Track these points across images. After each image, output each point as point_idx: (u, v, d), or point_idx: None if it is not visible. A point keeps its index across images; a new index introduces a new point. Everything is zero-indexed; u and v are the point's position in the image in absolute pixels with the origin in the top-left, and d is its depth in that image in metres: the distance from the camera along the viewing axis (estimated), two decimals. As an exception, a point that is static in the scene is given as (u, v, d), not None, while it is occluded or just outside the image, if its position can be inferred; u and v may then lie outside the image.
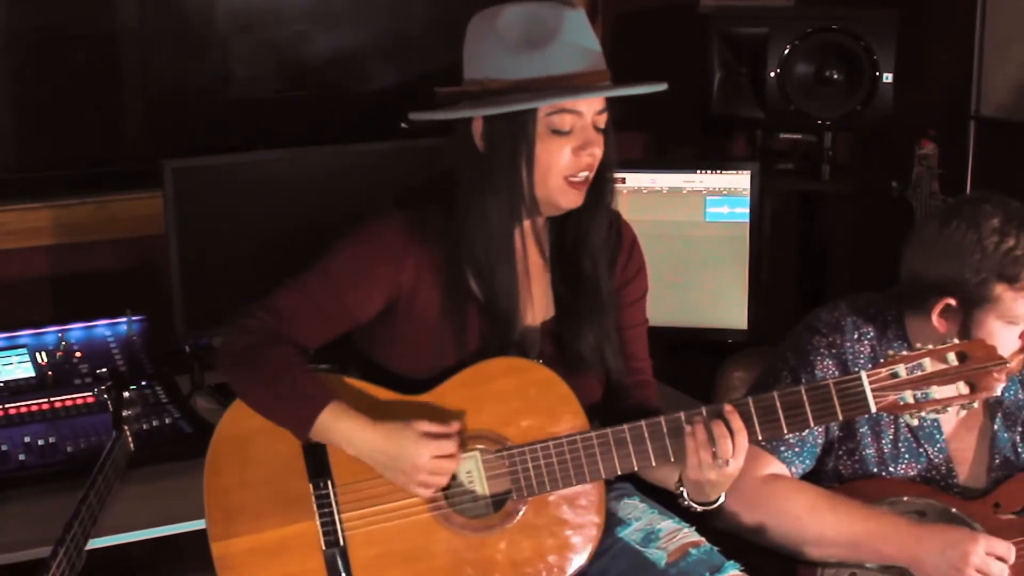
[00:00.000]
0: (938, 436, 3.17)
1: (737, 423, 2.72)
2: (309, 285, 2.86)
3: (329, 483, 2.81)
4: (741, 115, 4.48)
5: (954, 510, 3.09)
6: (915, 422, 2.77)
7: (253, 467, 2.83)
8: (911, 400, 2.72)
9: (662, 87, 2.89)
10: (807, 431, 3.08)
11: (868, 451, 3.16)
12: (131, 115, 4.38)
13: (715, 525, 3.10)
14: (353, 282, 2.86)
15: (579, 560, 2.85)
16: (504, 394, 2.84)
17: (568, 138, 2.80)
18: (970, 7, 4.67)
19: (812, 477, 3.14)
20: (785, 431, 2.77)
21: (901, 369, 2.72)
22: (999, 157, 4.66)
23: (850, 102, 4.33)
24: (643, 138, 4.94)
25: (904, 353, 2.74)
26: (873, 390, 2.73)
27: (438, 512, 2.82)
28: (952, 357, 2.72)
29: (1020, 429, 3.23)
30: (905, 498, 3.10)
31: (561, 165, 2.80)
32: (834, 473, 3.17)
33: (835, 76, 4.34)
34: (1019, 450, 3.22)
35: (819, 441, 3.15)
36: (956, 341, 2.75)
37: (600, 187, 2.90)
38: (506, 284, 2.87)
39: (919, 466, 3.17)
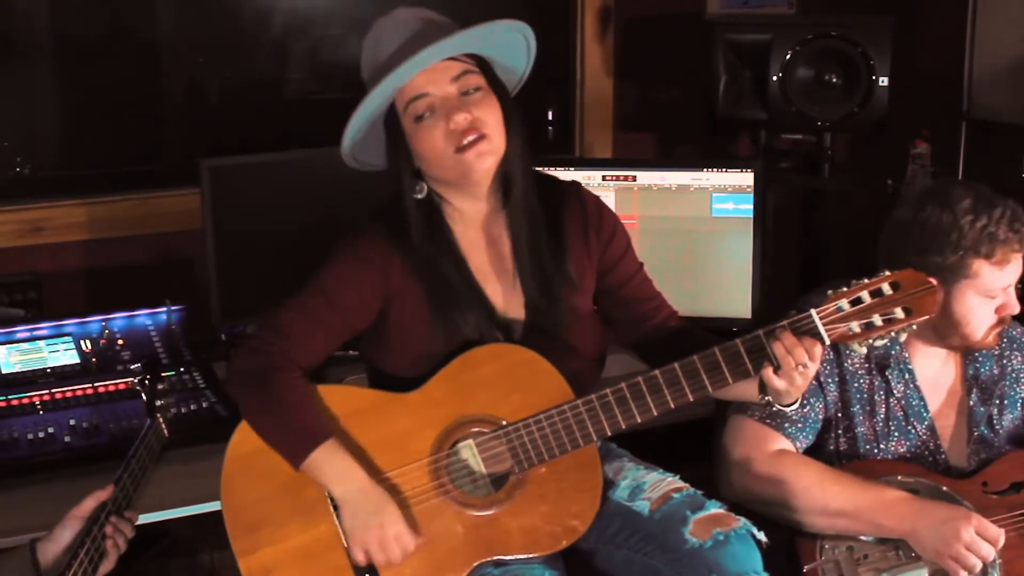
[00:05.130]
0: (925, 414, 3.21)
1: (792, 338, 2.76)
2: (307, 302, 2.87)
3: None
4: (745, 117, 4.46)
5: (945, 488, 3.10)
6: (863, 350, 2.78)
7: (267, 481, 2.82)
8: (858, 330, 2.75)
9: (493, 25, 2.86)
10: (807, 408, 3.11)
11: (860, 429, 3.19)
12: (170, 116, 4.38)
13: (724, 494, 3.12)
14: (346, 293, 2.87)
15: (586, 519, 2.85)
16: (491, 378, 2.84)
17: (434, 118, 2.80)
18: (961, 14, 4.66)
19: (814, 456, 3.14)
20: (752, 373, 2.78)
21: (844, 303, 2.75)
22: (989, 156, 4.65)
23: (848, 104, 4.31)
24: (653, 138, 4.94)
25: (844, 289, 2.76)
26: (824, 324, 2.75)
27: (447, 495, 2.82)
28: (886, 287, 2.75)
29: (996, 403, 3.26)
30: (899, 477, 3.10)
31: (441, 144, 2.80)
32: (834, 453, 3.19)
33: (834, 80, 4.33)
34: (994, 422, 3.25)
35: (819, 417, 3.18)
36: (887, 272, 2.77)
37: (509, 141, 2.88)
38: (456, 277, 2.89)
39: (908, 443, 3.20)
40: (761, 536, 2.80)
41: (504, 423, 2.82)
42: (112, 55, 4.22)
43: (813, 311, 2.75)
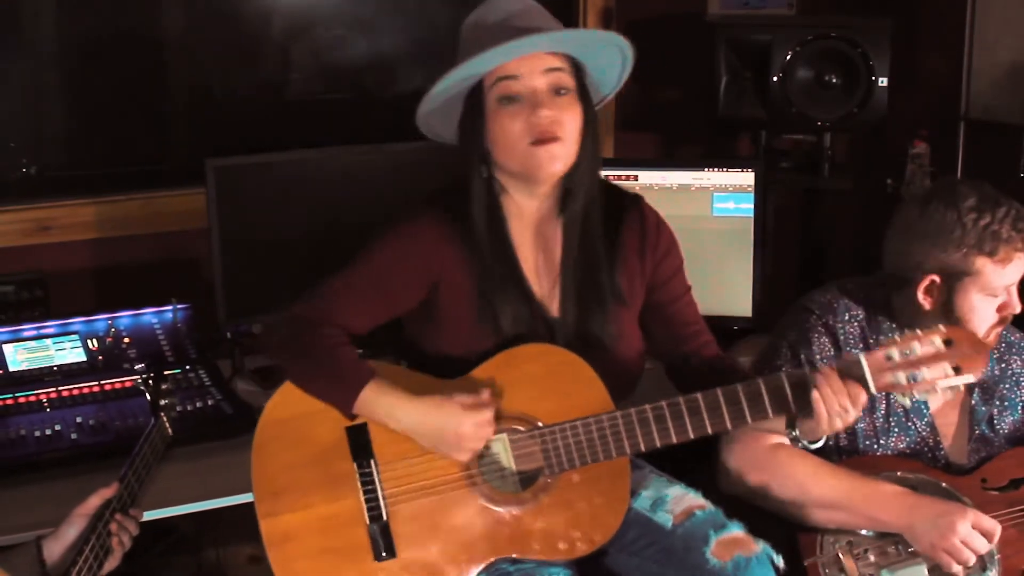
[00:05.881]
0: (925, 411, 3.20)
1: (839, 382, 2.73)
2: (353, 279, 2.86)
3: (372, 462, 2.80)
4: (746, 117, 4.45)
5: (944, 484, 3.10)
6: (907, 402, 2.77)
7: (298, 448, 2.80)
8: (904, 381, 2.73)
9: (601, 34, 2.89)
10: None
11: (860, 424, 3.18)
12: (176, 116, 4.37)
13: (723, 488, 3.12)
14: (392, 275, 2.86)
15: (607, 532, 2.84)
16: (533, 378, 2.83)
17: (519, 106, 2.79)
18: (959, 16, 4.66)
19: (815, 451, 3.14)
20: (793, 409, 2.77)
21: (895, 352, 2.73)
22: (986, 156, 4.64)
23: (848, 105, 4.30)
24: (654, 138, 4.93)
25: (896, 338, 2.75)
26: (872, 372, 2.73)
27: (474, 487, 2.81)
28: (939, 342, 2.72)
29: (996, 403, 3.26)
30: (899, 473, 3.11)
31: (518, 133, 2.79)
32: (834, 448, 3.18)
33: (834, 80, 4.32)
34: (995, 423, 3.25)
35: (819, 412, 3.17)
36: (942, 328, 2.76)
37: (582, 151, 2.87)
38: (503, 268, 2.88)
39: (908, 439, 3.19)
40: (779, 561, 2.80)
41: (540, 424, 2.81)
42: (119, 55, 4.22)
43: (862, 356, 2.74)
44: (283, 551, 2.77)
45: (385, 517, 2.79)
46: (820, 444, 2.89)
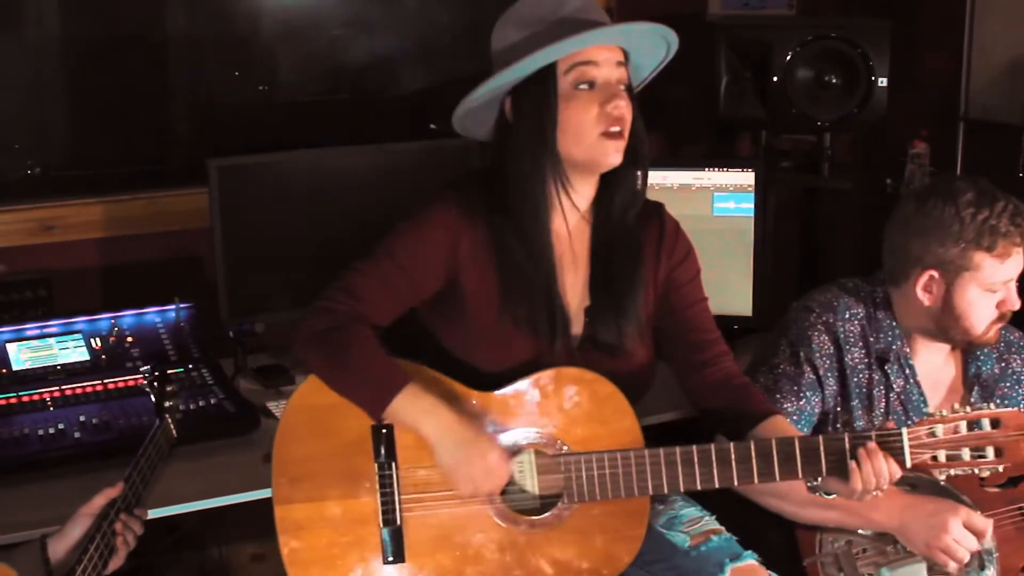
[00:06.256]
0: (924, 409, 3.21)
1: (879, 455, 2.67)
2: (376, 265, 2.81)
3: (393, 465, 2.78)
4: (746, 117, 4.46)
5: (943, 483, 3.08)
6: (942, 477, 2.73)
7: (322, 439, 2.78)
8: (943, 459, 2.68)
9: (669, 31, 2.86)
10: (804, 401, 3.11)
11: (859, 423, 3.19)
12: (179, 117, 4.37)
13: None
14: (415, 257, 2.81)
15: (618, 567, 2.82)
16: (575, 404, 2.80)
17: (593, 93, 2.75)
18: (959, 17, 4.66)
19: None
20: (824, 473, 2.70)
21: (939, 429, 2.68)
22: (985, 155, 4.65)
23: (848, 105, 4.30)
24: (655, 138, 4.89)
25: (944, 414, 2.69)
26: (911, 446, 2.68)
27: (491, 505, 2.79)
28: (986, 423, 2.68)
29: (996, 402, 3.25)
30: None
31: (592, 121, 2.75)
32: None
33: (833, 81, 4.32)
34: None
35: (816, 411, 3.19)
36: (992, 407, 2.72)
37: (631, 153, 2.84)
38: (535, 262, 2.84)
39: (907, 436, 3.18)
40: None
41: (567, 449, 2.78)
42: (121, 55, 4.22)
43: (904, 430, 2.69)
44: (294, 539, 2.77)
45: (398, 522, 2.78)
46: (795, 405, 2.87)
